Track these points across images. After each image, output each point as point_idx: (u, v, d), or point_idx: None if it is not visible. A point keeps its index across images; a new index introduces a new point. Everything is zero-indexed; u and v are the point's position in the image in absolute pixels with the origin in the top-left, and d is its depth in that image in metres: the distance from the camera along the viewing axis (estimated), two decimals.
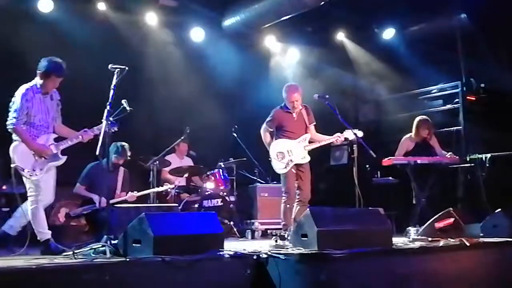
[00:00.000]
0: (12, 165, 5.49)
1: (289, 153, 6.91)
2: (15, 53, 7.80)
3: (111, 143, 5.42)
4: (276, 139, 7.08)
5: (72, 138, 5.78)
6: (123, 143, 7.44)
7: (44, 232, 5.53)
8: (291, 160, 6.88)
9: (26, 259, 4.61)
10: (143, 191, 7.74)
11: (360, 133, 6.92)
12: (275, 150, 6.98)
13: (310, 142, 7.05)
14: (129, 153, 7.61)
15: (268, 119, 7.11)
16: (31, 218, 5.53)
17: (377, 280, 4.87)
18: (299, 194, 6.88)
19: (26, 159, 5.51)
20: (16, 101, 5.55)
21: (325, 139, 7.10)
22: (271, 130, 7.08)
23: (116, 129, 5.56)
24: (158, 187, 8.05)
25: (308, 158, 6.96)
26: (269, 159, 7.07)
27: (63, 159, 5.74)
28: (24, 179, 5.54)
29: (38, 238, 5.53)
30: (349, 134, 6.94)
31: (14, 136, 5.56)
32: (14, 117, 5.49)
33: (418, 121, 8.16)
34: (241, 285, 4.60)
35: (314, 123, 7.21)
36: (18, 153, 5.50)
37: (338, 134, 6.99)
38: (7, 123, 5.53)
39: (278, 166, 6.96)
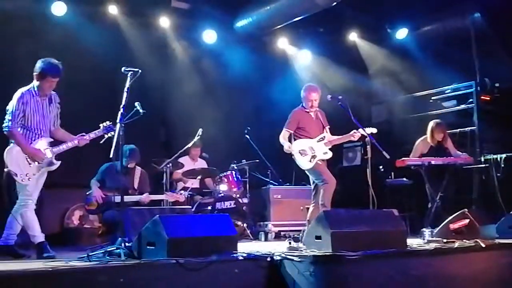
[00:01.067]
0: (5, 169, 5.48)
1: (311, 149, 7.01)
2: (28, 55, 7.87)
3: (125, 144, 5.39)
4: (295, 140, 7.14)
5: (68, 142, 5.76)
6: (132, 146, 7.37)
7: (36, 236, 5.50)
8: (314, 156, 6.96)
9: (43, 262, 4.63)
10: (158, 196, 7.67)
11: (374, 130, 7.00)
12: (297, 148, 7.05)
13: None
14: (138, 156, 7.58)
15: (287, 122, 7.17)
16: (22, 222, 5.49)
17: (391, 282, 4.84)
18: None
19: (20, 164, 5.48)
20: (12, 104, 5.53)
21: (342, 138, 7.18)
22: (291, 132, 7.14)
23: (112, 133, 5.61)
24: (171, 189, 8.04)
25: (330, 154, 7.07)
26: (292, 157, 7.07)
27: (57, 164, 5.72)
28: (16, 182, 5.50)
29: (32, 241, 5.52)
30: (364, 131, 7.01)
31: (10, 139, 5.55)
32: (10, 120, 5.48)
33: (433, 125, 8.11)
34: (255, 287, 4.59)
35: (328, 126, 7.28)
36: (12, 157, 5.48)
37: (354, 130, 7.05)
38: (3, 125, 5.53)
39: (303, 162, 7.02)
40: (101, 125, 5.84)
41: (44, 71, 5.59)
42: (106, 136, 5.86)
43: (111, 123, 5.81)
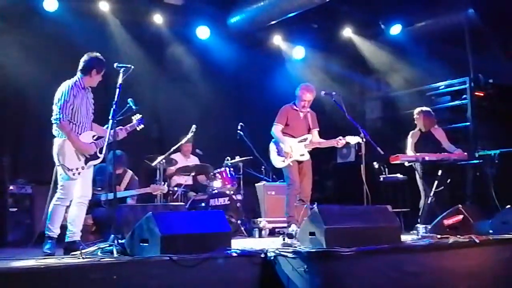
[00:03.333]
0: (57, 165, 5.44)
1: (288, 149, 6.96)
2: (22, 51, 7.84)
3: (117, 141, 5.36)
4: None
5: (109, 136, 5.61)
6: (118, 152, 7.29)
7: (54, 231, 5.43)
8: (290, 156, 6.92)
9: (35, 259, 4.60)
10: (143, 189, 7.68)
11: (359, 139, 6.90)
12: (274, 146, 7.05)
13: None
14: (125, 161, 7.63)
15: (277, 117, 7.14)
16: (50, 213, 5.44)
17: (385, 278, 4.84)
18: (299, 193, 6.88)
19: (72, 159, 5.45)
20: (61, 96, 5.46)
21: (326, 143, 7.13)
22: (282, 126, 7.10)
23: (142, 126, 5.80)
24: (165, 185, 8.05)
25: (307, 156, 6.99)
26: (269, 154, 7.08)
27: (101, 157, 5.70)
28: (58, 175, 5.48)
29: (46, 234, 5.43)
30: (351, 139, 6.97)
31: (56, 133, 5.49)
32: (60, 112, 5.41)
33: (419, 111, 8.15)
34: (249, 283, 4.58)
35: (318, 129, 7.24)
36: (65, 152, 5.42)
37: (340, 137, 7.00)
38: (53, 118, 5.45)
39: (277, 161, 7.04)
40: (133, 118, 5.84)
41: (102, 66, 5.64)
42: (138, 128, 5.91)
43: (141, 116, 5.85)
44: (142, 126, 5.89)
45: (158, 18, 9.68)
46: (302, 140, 7.03)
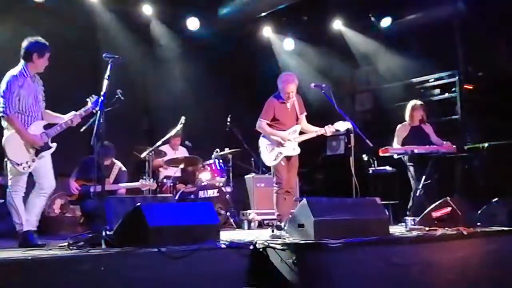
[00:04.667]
0: (5, 159, 5.34)
1: (279, 145, 6.76)
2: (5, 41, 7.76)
3: (106, 132, 5.27)
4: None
5: (62, 124, 5.58)
6: (105, 143, 7.29)
7: (19, 223, 5.33)
8: (280, 153, 6.74)
9: (22, 251, 4.57)
10: (132, 184, 7.69)
11: (349, 125, 6.72)
12: (265, 143, 6.86)
13: (300, 133, 6.90)
14: (113, 152, 7.58)
15: (263, 112, 6.84)
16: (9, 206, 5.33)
17: (374, 270, 4.86)
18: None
19: (20, 152, 5.33)
20: (6, 87, 5.30)
21: (314, 131, 6.93)
22: (268, 121, 6.80)
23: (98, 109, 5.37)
24: (154, 178, 8.02)
25: (298, 150, 6.81)
26: (258, 151, 6.98)
27: (53, 147, 5.58)
28: (8, 168, 5.36)
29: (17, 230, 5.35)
30: (340, 125, 6.79)
31: (5, 126, 5.38)
32: (5, 105, 5.26)
33: (413, 104, 8.16)
34: (238, 275, 4.58)
35: (305, 114, 7.05)
36: (12, 146, 5.31)
37: (329, 125, 6.82)
38: None
39: (267, 158, 6.83)
40: (88, 100, 5.61)
41: (44, 48, 5.48)
42: (95, 111, 5.53)
43: (98, 96, 5.52)
44: (98, 108, 5.39)
45: (147, 9, 9.61)
46: (292, 133, 6.85)
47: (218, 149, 8.98)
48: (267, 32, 10.93)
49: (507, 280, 5.90)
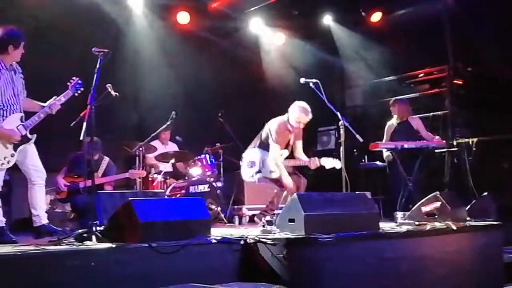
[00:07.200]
0: None
1: (260, 164, 6.89)
2: None
3: (96, 127, 5.23)
4: (254, 147, 7.07)
5: (40, 113, 5.46)
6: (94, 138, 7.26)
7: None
8: (259, 171, 6.86)
9: (12, 246, 4.55)
10: (121, 175, 7.71)
11: (338, 165, 6.79)
12: (248, 158, 6.99)
13: (287, 157, 7.01)
14: (100, 147, 7.52)
15: (276, 136, 6.89)
16: None
17: (364, 264, 4.87)
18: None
19: None
20: None
21: (301, 161, 7.04)
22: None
23: (82, 89, 5.41)
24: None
25: (277, 174, 6.80)
26: (240, 163, 7.04)
27: (33, 138, 5.46)
28: None
29: None
30: (327, 162, 6.90)
31: None
32: None
33: (394, 100, 8.22)
34: (229, 270, 4.58)
35: (301, 141, 7.20)
36: None
37: (316, 158, 6.94)
38: None
39: (246, 174, 7.00)
40: (69, 83, 5.54)
41: (18, 38, 5.35)
42: (76, 94, 5.56)
43: (77, 78, 5.52)
44: (82, 89, 5.40)
45: (138, 2, 9.55)
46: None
47: (209, 144, 8.98)
48: (257, 26, 10.88)
49: (495, 274, 5.95)
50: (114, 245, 4.29)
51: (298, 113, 6.92)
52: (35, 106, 5.56)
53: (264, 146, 6.99)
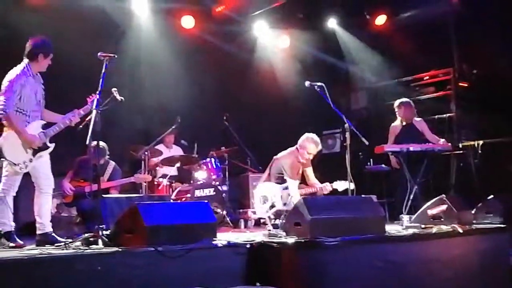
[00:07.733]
0: (2, 159, 5.30)
1: (272, 198, 6.97)
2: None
3: (102, 132, 5.24)
4: (266, 182, 7.23)
5: (60, 123, 5.56)
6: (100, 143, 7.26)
7: (5, 224, 5.29)
8: (273, 205, 6.93)
9: (19, 250, 4.57)
10: (126, 179, 7.69)
11: (351, 186, 6.77)
12: (259, 193, 7.09)
13: (302, 180, 7.29)
14: (105, 152, 7.51)
15: (292, 172, 7.15)
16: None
17: (370, 268, 4.87)
18: None
19: (17, 152, 5.29)
20: (8, 86, 5.26)
21: (314, 188, 7.23)
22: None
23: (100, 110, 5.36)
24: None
25: (290, 206, 6.77)
26: (252, 201, 7.11)
27: (51, 147, 5.56)
28: (4, 167, 5.32)
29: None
30: (339, 185, 7.05)
31: (5, 123, 5.31)
32: (6, 103, 5.20)
33: (399, 103, 8.20)
34: (235, 274, 4.59)
35: (311, 168, 7.42)
36: (9, 146, 5.28)
37: (327, 184, 7.14)
38: None
39: (260, 210, 7.10)
40: (88, 99, 5.61)
41: (49, 49, 5.49)
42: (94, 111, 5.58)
43: (97, 95, 5.44)
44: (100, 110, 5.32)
45: (142, 6, 9.55)
46: (285, 188, 7.03)
47: (214, 148, 8.98)
48: (262, 29, 10.88)
49: (502, 277, 5.92)
50: (120, 249, 4.31)
51: (309, 146, 7.23)
52: (53, 117, 5.66)
53: (275, 180, 7.17)
